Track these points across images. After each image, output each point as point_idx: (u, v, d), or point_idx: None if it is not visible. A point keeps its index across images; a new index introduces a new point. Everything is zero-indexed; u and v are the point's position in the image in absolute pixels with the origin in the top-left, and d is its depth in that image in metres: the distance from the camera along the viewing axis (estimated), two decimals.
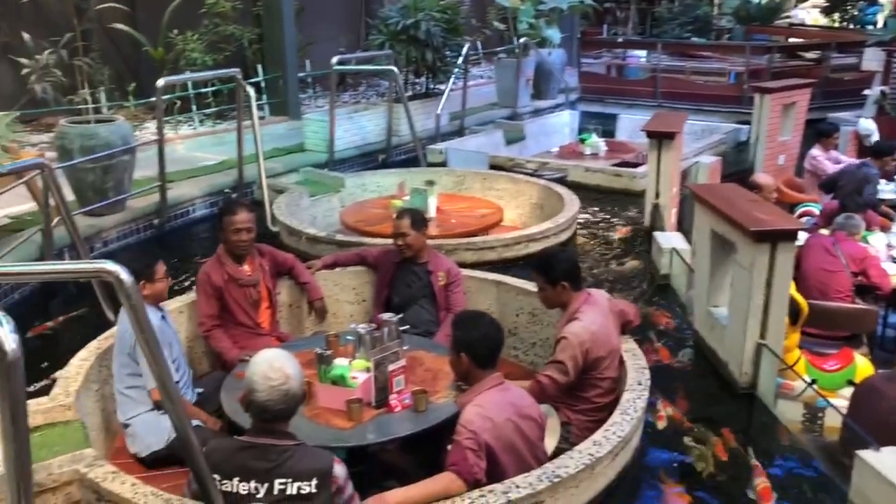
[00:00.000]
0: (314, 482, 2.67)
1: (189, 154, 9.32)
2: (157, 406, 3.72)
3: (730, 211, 4.28)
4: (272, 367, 2.69)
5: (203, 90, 10.94)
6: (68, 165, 6.52)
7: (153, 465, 3.68)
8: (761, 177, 6.53)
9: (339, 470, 2.74)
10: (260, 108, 10.80)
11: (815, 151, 8.09)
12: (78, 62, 9.65)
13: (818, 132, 8.25)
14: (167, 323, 3.98)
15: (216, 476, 2.70)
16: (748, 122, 10.02)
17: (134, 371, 3.65)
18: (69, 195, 6.28)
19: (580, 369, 3.66)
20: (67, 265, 4.00)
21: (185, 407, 3.73)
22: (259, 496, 2.67)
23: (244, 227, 4.42)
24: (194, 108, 11.00)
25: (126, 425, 3.71)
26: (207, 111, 11.10)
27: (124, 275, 2.30)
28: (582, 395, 3.74)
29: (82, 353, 3.97)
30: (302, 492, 2.67)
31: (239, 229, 4.40)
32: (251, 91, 7.43)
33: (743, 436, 3.92)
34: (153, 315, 3.64)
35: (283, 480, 2.66)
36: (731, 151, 10.34)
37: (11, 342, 1.80)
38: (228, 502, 2.69)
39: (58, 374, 3.82)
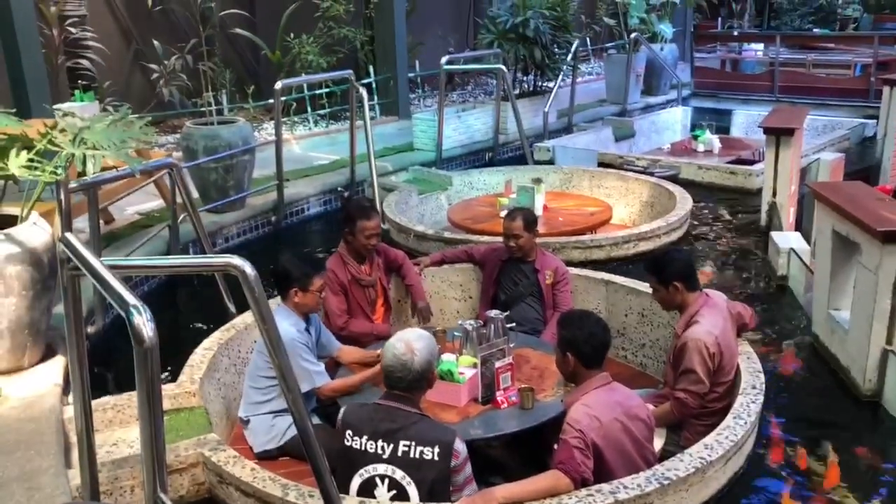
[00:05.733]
0: (436, 450, 2.83)
1: (304, 154, 9.64)
2: (324, 403, 3.87)
3: (854, 210, 4.08)
4: (402, 339, 2.99)
5: (318, 91, 11.29)
6: (193, 165, 6.89)
7: (262, 460, 3.83)
8: None
9: (461, 447, 2.89)
10: (371, 108, 11.04)
11: None
12: (202, 66, 10.17)
13: None
14: (310, 334, 3.96)
15: (348, 432, 2.94)
16: (875, 117, 9.47)
17: (268, 374, 3.73)
18: (194, 193, 6.63)
19: (711, 375, 3.59)
20: (198, 259, 4.24)
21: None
22: (384, 456, 2.87)
23: (375, 232, 4.54)
24: (309, 109, 11.37)
25: (245, 420, 3.89)
26: (322, 112, 11.45)
27: (249, 269, 2.43)
28: None
29: (206, 343, 4.19)
30: (424, 457, 2.84)
31: (371, 234, 4.51)
32: (363, 92, 7.63)
33: (867, 446, 3.75)
34: (291, 323, 3.78)
35: (406, 443, 2.86)
36: (856, 148, 9.82)
37: (149, 330, 1.94)
38: (356, 458, 2.92)
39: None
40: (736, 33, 16.76)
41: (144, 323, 1.94)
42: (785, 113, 7.50)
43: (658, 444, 3.50)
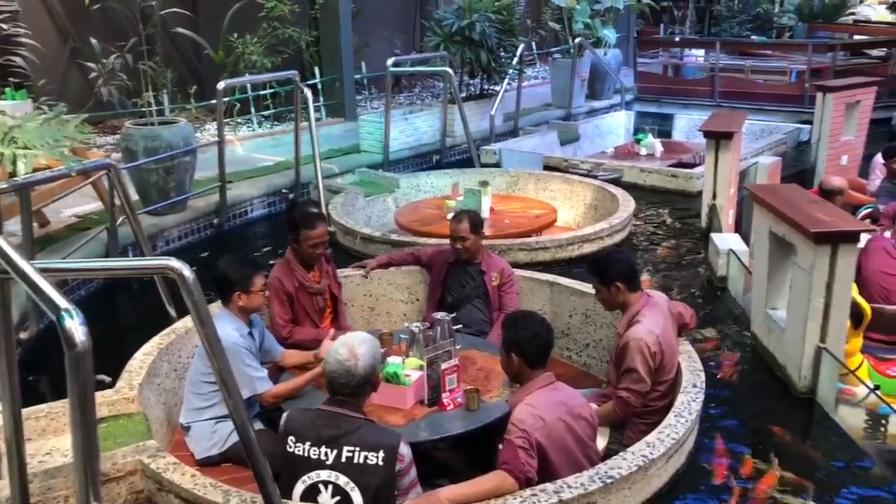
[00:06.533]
0: (381, 454, 2.81)
1: (248, 155, 9.51)
2: (267, 409, 3.80)
3: (789, 212, 4.19)
4: (345, 344, 2.94)
5: (262, 92, 11.16)
6: (133, 166, 6.73)
7: (204, 467, 3.76)
8: (835, 179, 6.32)
9: (405, 450, 2.87)
10: (317, 109, 10.94)
11: (879, 160, 7.79)
12: (142, 66, 9.94)
13: (886, 151, 7.75)
14: (253, 338, 3.91)
15: (291, 438, 2.89)
16: (810, 122, 9.77)
17: (209, 379, 3.67)
18: (133, 195, 6.47)
19: (652, 374, 3.65)
20: (133, 262, 4.13)
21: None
22: (328, 462, 2.83)
23: (321, 240, 4.45)
24: (253, 110, 11.22)
25: (186, 427, 3.81)
26: (266, 113, 11.31)
27: (187, 272, 2.38)
28: None
29: (145, 348, 4.10)
30: (369, 462, 2.81)
31: (316, 243, 4.42)
32: (308, 93, 7.56)
33: (802, 441, 3.85)
34: (233, 327, 3.73)
35: (350, 448, 2.82)
36: (792, 152, 10.12)
37: (81, 334, 1.87)
38: (298, 464, 2.87)
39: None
40: (678, 39, 17.12)
41: (76, 327, 1.88)
42: (724, 117, 7.66)
43: (601, 443, 3.54)
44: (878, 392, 4.33)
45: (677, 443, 3.26)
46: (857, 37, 17.15)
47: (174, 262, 2.40)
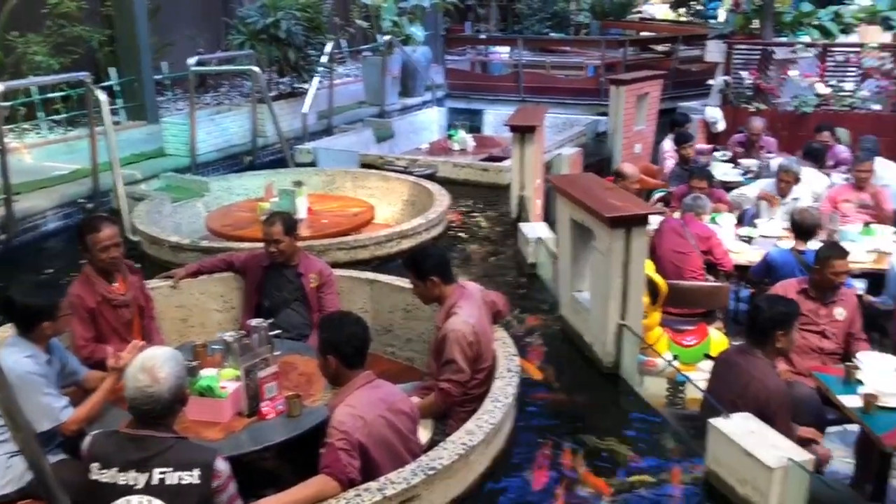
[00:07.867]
0: (196, 473, 2.68)
1: (38, 164, 8.75)
2: (71, 438, 3.48)
3: (586, 199, 4.45)
4: (143, 368, 2.74)
5: (50, 95, 10.31)
6: None
7: None
8: (626, 166, 6.82)
9: (222, 465, 2.75)
10: (115, 112, 10.28)
11: (668, 145, 8.51)
12: None
13: (676, 138, 8.48)
14: (52, 365, 3.59)
15: (95, 465, 2.69)
16: (606, 114, 10.44)
17: None
18: None
19: (471, 362, 3.73)
20: None
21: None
22: (138, 487, 2.65)
23: (111, 242, 4.16)
24: (41, 114, 10.34)
25: None
26: (57, 118, 10.46)
27: None
28: None
29: None
30: (182, 482, 2.67)
31: (107, 246, 4.14)
32: (102, 96, 7.08)
33: (611, 415, 4.11)
34: (27, 354, 3.43)
35: (163, 470, 2.67)
36: (591, 142, 10.77)
37: None
38: (105, 492, 2.67)
39: None
40: (483, 37, 17.68)
41: None
42: (528, 112, 8.01)
43: (426, 435, 3.60)
44: (674, 363, 4.72)
45: (496, 427, 3.37)
46: (643, 33, 18.53)
47: None
